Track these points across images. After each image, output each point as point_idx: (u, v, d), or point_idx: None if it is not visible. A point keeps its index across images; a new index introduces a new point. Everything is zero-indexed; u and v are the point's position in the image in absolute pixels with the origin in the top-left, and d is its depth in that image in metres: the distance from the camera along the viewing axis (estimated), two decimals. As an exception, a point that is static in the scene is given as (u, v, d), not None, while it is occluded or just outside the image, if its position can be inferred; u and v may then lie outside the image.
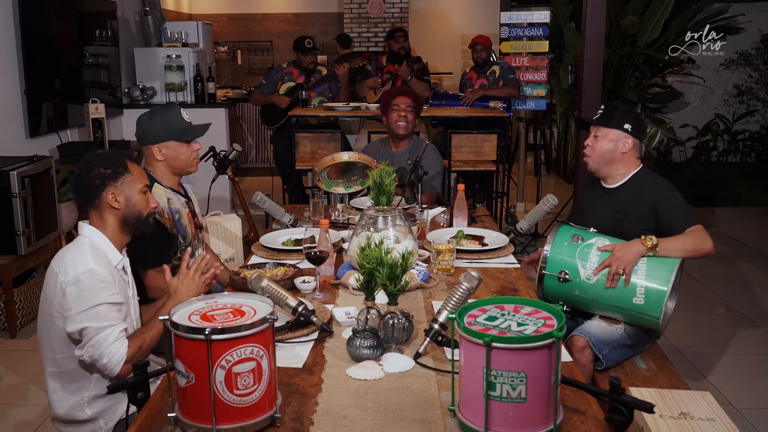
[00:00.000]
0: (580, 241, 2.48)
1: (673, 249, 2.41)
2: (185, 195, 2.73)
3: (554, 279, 2.46)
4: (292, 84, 5.72)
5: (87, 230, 2.06)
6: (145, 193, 2.15)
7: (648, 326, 2.49)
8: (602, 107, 2.75)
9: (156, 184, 2.59)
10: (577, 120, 2.80)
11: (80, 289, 1.90)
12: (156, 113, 2.60)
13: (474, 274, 1.85)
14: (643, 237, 2.40)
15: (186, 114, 2.64)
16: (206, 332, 1.39)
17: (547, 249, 2.48)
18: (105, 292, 1.93)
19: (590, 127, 2.74)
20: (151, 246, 2.42)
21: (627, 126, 2.64)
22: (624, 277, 2.38)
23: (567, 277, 2.44)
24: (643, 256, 2.39)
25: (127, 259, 2.17)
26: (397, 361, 1.79)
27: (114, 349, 1.91)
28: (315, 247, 2.29)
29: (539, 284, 2.50)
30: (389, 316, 1.85)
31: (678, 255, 2.41)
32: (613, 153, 2.66)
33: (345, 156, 3.22)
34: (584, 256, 2.45)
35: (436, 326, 1.81)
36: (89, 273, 1.92)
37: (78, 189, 2.08)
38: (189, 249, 2.36)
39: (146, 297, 2.45)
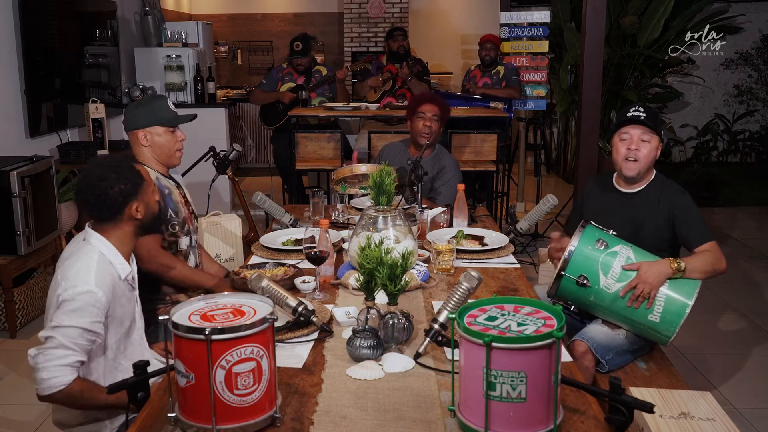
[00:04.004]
0: (604, 248, 2.42)
1: (695, 271, 2.40)
2: (174, 181, 2.75)
3: (572, 282, 2.42)
4: (293, 84, 5.72)
5: (95, 240, 2.02)
6: (153, 192, 2.17)
7: (655, 341, 2.49)
8: (642, 109, 2.59)
9: (144, 166, 2.59)
10: (622, 121, 2.62)
11: (71, 307, 1.89)
12: (143, 101, 2.65)
13: (474, 274, 1.85)
14: (671, 259, 2.38)
15: (172, 104, 2.67)
16: (206, 332, 1.39)
17: (571, 249, 2.42)
18: (89, 317, 1.90)
19: (633, 128, 2.59)
20: None
21: (662, 133, 2.61)
22: (648, 299, 2.35)
23: (585, 282, 2.40)
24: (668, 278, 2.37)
25: (135, 267, 2.17)
26: (397, 361, 1.79)
27: (57, 372, 1.85)
28: (315, 247, 2.29)
29: (555, 282, 2.46)
30: (389, 316, 1.85)
31: (698, 277, 2.39)
32: (654, 160, 2.61)
33: (363, 168, 3.27)
34: (607, 265, 2.40)
35: (436, 326, 1.81)
36: (87, 294, 1.90)
37: (99, 208, 2.03)
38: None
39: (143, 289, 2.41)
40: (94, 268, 1.94)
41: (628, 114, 2.60)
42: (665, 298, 2.35)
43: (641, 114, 2.57)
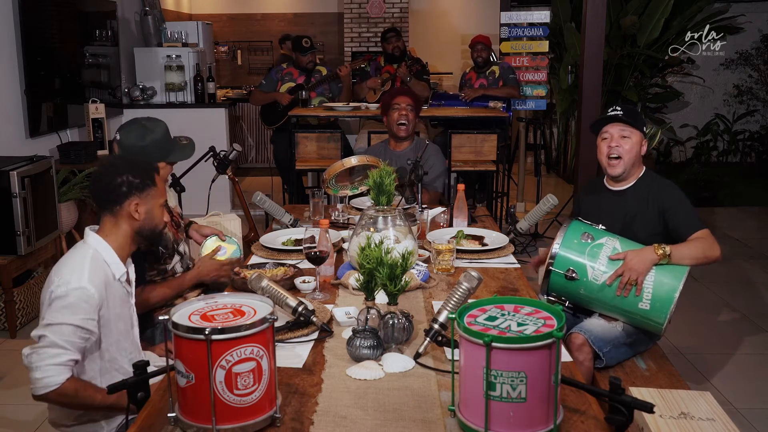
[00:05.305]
0: (590, 240, 2.45)
1: (683, 257, 2.40)
2: None
3: (561, 276, 2.45)
4: (293, 84, 5.72)
5: (92, 239, 2.02)
6: (162, 207, 2.13)
7: (649, 330, 2.49)
8: (619, 108, 2.64)
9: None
10: (599, 120, 2.68)
11: (63, 304, 1.87)
12: (147, 135, 2.42)
13: (474, 274, 1.85)
14: (656, 246, 2.38)
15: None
16: (206, 332, 1.39)
17: (556, 245, 2.46)
18: (81, 314, 1.88)
19: (612, 127, 2.62)
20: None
21: (644, 128, 2.63)
22: (636, 286, 2.36)
23: (574, 275, 2.42)
24: (655, 265, 2.38)
25: (132, 266, 2.14)
26: (397, 361, 1.79)
27: (50, 372, 1.83)
28: (315, 247, 2.29)
29: (545, 279, 2.49)
30: (389, 316, 1.85)
31: (688, 263, 2.40)
32: (638, 155, 2.63)
33: (354, 160, 3.26)
34: (593, 256, 2.42)
35: (436, 326, 1.81)
36: (79, 290, 1.88)
37: (100, 190, 2.03)
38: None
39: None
40: (87, 266, 1.93)
41: (607, 114, 2.65)
42: (653, 285, 2.36)
43: (618, 112, 2.62)
